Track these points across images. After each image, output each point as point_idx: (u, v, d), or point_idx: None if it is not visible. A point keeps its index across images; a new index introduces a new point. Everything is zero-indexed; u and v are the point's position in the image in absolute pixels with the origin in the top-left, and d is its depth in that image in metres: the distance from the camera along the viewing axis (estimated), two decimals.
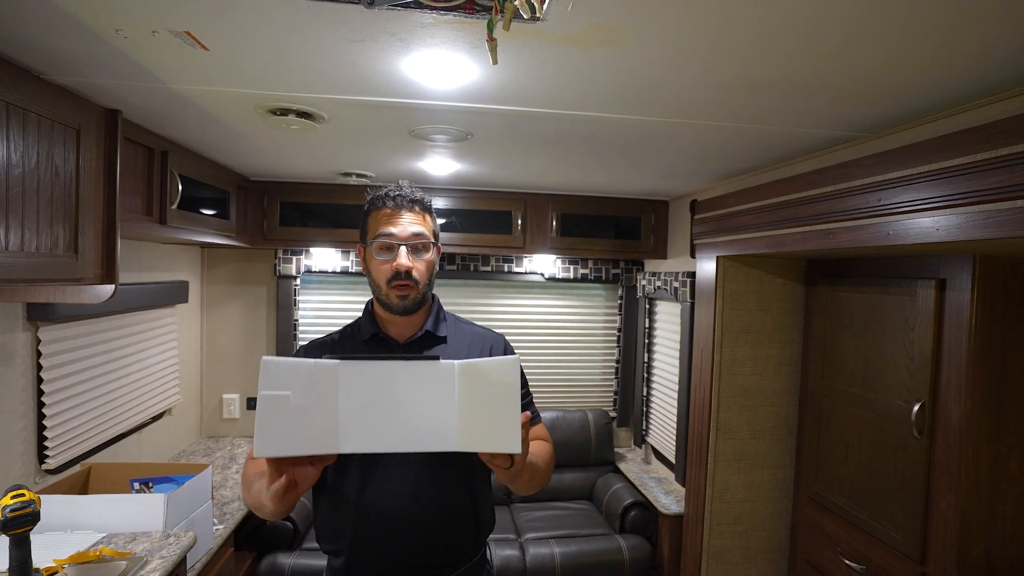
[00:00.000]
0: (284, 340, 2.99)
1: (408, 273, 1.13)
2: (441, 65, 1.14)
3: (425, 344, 1.19)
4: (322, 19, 0.95)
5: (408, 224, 1.14)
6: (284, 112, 1.47)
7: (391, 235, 1.13)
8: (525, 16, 0.68)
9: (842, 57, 1.03)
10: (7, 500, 1.17)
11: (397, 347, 1.18)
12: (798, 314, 2.31)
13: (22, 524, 1.16)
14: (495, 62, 0.74)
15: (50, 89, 1.28)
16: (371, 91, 1.32)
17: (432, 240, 1.18)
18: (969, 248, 1.43)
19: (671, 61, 1.08)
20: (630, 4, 0.86)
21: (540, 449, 1.15)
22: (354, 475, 1.10)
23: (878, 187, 1.42)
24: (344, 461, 1.04)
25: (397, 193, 1.16)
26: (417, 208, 1.17)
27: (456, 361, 0.92)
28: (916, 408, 1.66)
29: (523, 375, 1.26)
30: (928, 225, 1.29)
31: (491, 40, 0.69)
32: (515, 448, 0.88)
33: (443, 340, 1.21)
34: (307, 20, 0.95)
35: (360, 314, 1.26)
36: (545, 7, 0.80)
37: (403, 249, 1.13)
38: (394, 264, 1.13)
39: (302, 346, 1.25)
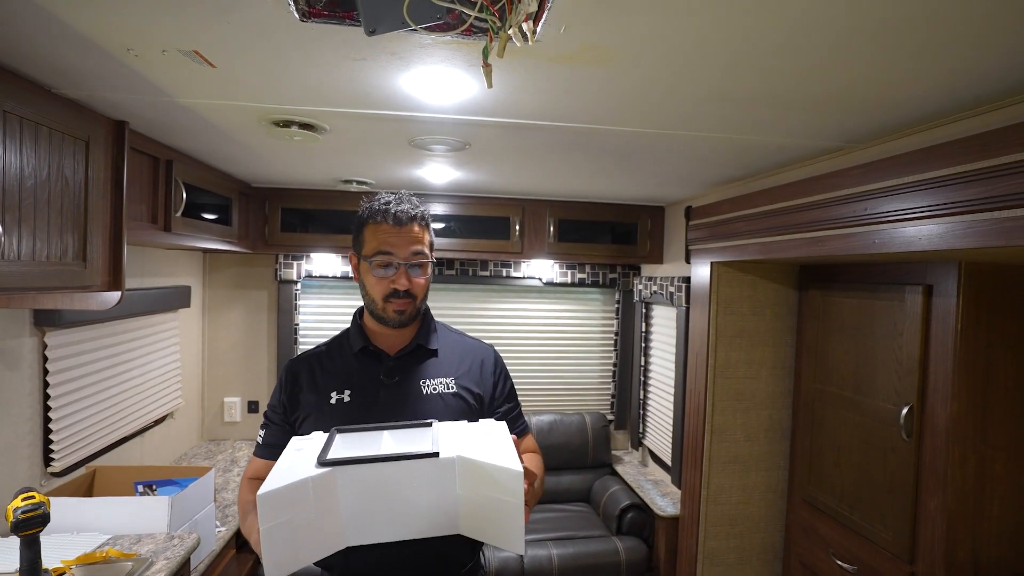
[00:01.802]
0: (285, 344, 3.03)
1: (407, 292, 1.14)
2: (439, 81, 1.18)
3: (415, 357, 1.20)
4: (324, 39, 0.99)
5: (409, 243, 1.14)
6: (287, 124, 1.51)
7: (391, 255, 1.13)
8: (518, 44, 0.72)
9: (823, 72, 1.07)
10: (18, 502, 1.21)
11: (387, 359, 1.19)
12: (791, 318, 2.35)
13: (33, 525, 1.19)
14: (490, 86, 0.77)
15: (61, 102, 1.32)
16: (371, 104, 1.36)
17: (430, 257, 1.19)
18: (954, 255, 1.47)
19: (660, 77, 1.12)
20: (619, 25, 0.90)
21: (535, 467, 1.14)
22: None
23: (864, 197, 1.46)
24: None
25: (397, 209, 1.14)
26: (417, 224, 1.16)
27: (456, 455, 0.91)
28: (904, 411, 1.69)
29: (512, 388, 1.27)
30: (911, 234, 1.33)
31: (486, 66, 0.73)
32: (519, 549, 0.92)
33: (434, 353, 1.21)
34: (310, 40, 0.99)
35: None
36: (538, 31, 0.84)
37: (403, 269, 1.13)
38: (393, 284, 1.13)
39: (290, 360, 1.25)
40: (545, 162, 1.99)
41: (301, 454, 0.94)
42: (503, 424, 1.05)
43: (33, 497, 1.21)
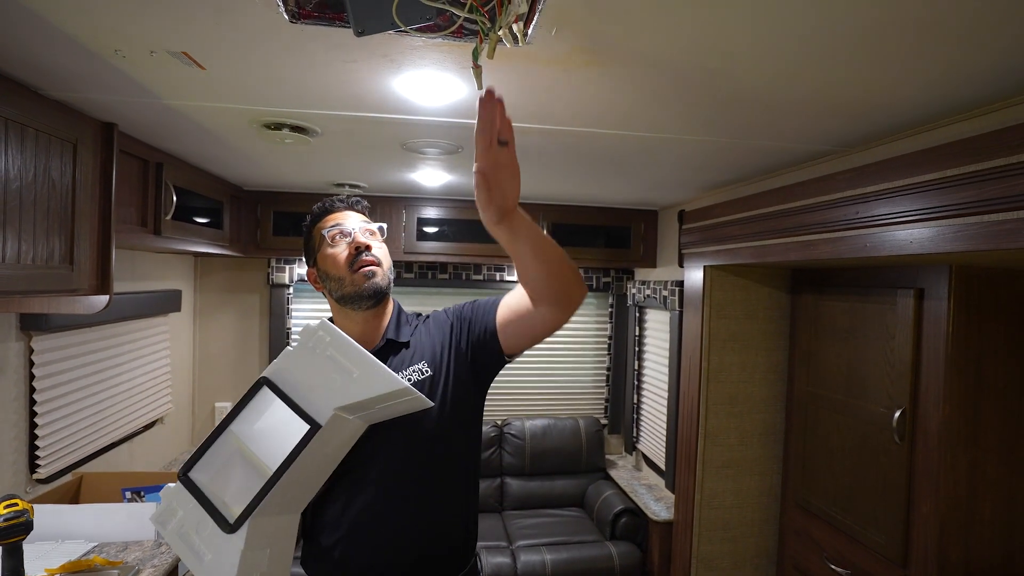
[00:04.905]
0: (277, 349, 3.00)
1: (368, 249, 1.10)
2: (431, 84, 1.18)
3: (388, 352, 1.13)
4: (315, 41, 0.98)
5: (359, 221, 1.14)
6: (278, 126, 1.50)
7: (343, 225, 1.11)
8: (508, 45, 0.72)
9: (813, 76, 1.07)
10: (0, 510, 1.18)
11: None
12: (784, 322, 2.35)
13: (15, 533, 1.17)
14: (480, 87, 0.77)
15: (48, 104, 1.30)
16: (363, 107, 1.35)
17: (381, 238, 1.16)
18: (945, 259, 1.47)
19: (651, 81, 1.12)
20: (610, 29, 0.90)
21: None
22: (337, 504, 1.05)
23: (855, 200, 1.47)
24: (324, 496, 1.04)
25: (339, 199, 1.17)
26: (364, 212, 1.18)
27: (331, 411, 0.87)
28: (897, 415, 1.70)
29: (465, 305, 1.21)
30: (902, 238, 1.33)
31: (476, 67, 0.73)
32: (426, 403, 0.92)
33: (405, 345, 1.15)
34: (301, 42, 0.99)
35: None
36: (529, 33, 0.84)
37: (357, 230, 1.11)
38: (352, 243, 1.09)
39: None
40: (538, 166, 1.99)
41: (188, 536, 0.87)
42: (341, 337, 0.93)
43: (16, 504, 1.19)
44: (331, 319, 1.17)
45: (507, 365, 1.19)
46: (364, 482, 1.05)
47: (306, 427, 0.85)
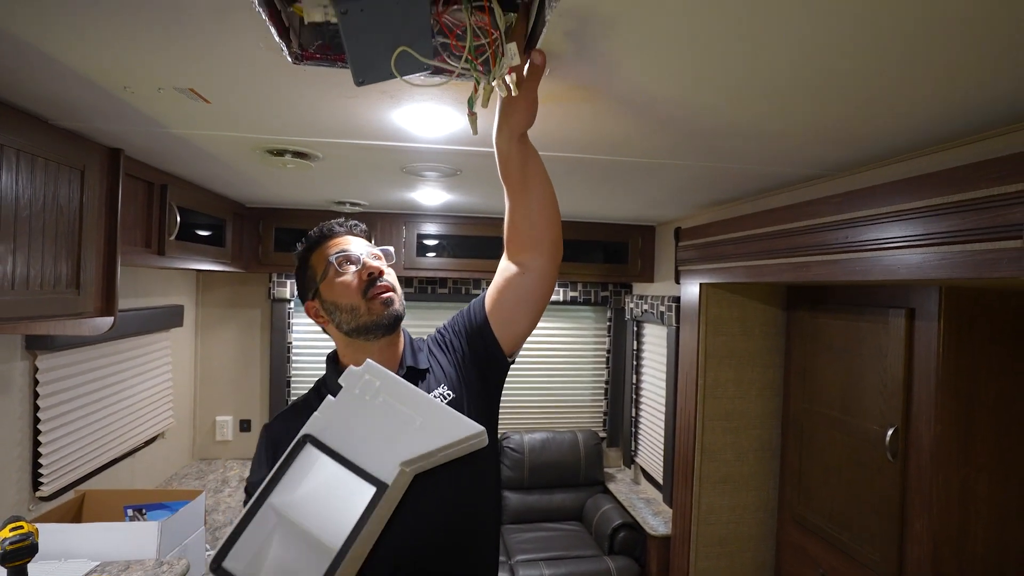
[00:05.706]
0: (278, 362, 3.03)
1: (381, 274, 1.02)
2: (429, 116, 1.21)
3: (411, 383, 1.01)
4: (317, 79, 1.02)
5: (362, 244, 1.07)
6: (280, 152, 1.54)
7: (349, 251, 1.03)
8: (502, 94, 0.75)
9: (803, 111, 1.11)
10: (6, 532, 1.20)
11: None
12: (779, 339, 2.38)
13: (20, 556, 1.19)
14: (475, 132, 0.80)
15: (56, 133, 1.34)
16: (364, 136, 1.39)
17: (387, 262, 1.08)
18: (935, 280, 1.50)
19: (644, 114, 1.16)
20: (602, 71, 0.93)
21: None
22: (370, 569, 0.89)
23: (845, 225, 1.50)
24: None
25: (337, 223, 1.09)
26: (362, 233, 1.10)
27: (397, 467, 0.77)
28: (890, 432, 1.72)
29: (455, 317, 1.14)
30: (891, 263, 1.36)
31: (471, 114, 0.76)
32: (475, 428, 0.82)
33: (424, 373, 1.06)
34: (303, 80, 1.02)
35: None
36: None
37: (365, 255, 1.03)
38: (364, 269, 1.01)
39: (266, 425, 1.10)
40: None
41: None
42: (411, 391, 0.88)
43: (21, 527, 1.21)
44: (335, 353, 1.11)
45: (509, 374, 1.12)
46: (395, 542, 0.89)
47: (367, 488, 0.75)
